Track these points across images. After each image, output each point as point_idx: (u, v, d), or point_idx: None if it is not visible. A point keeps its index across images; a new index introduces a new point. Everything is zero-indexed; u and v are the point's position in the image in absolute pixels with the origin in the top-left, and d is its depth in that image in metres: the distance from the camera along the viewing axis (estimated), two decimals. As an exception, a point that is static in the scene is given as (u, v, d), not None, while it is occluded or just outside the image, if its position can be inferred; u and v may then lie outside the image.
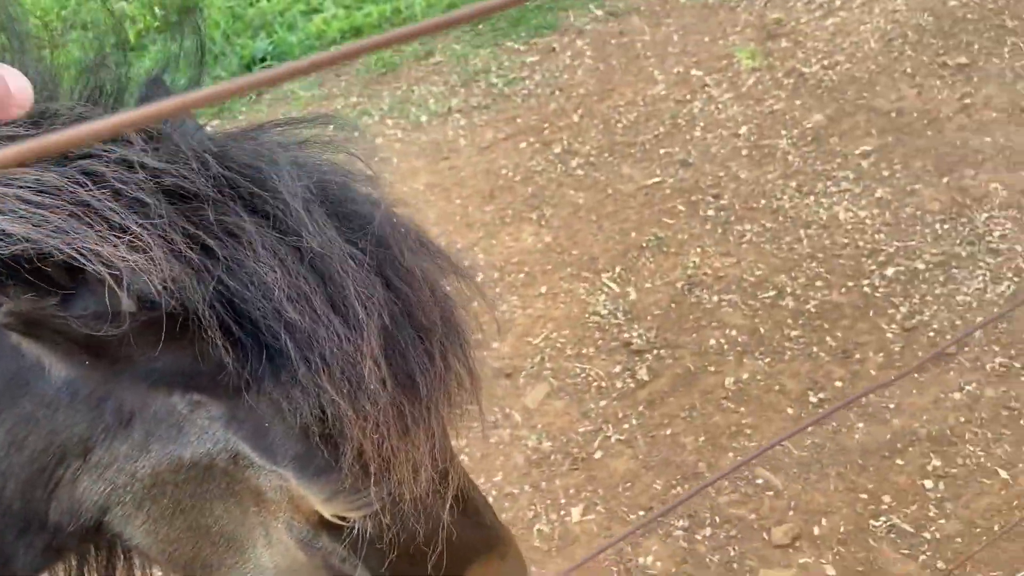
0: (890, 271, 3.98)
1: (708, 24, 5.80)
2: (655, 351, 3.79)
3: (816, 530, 3.07)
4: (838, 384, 3.54)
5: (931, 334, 3.67)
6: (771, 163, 4.71)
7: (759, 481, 3.24)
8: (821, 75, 5.23)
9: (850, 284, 3.96)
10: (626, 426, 3.48)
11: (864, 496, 3.15)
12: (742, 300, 3.97)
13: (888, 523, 3.05)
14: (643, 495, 3.23)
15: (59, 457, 0.98)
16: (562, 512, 3.19)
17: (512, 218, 4.60)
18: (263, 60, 5.79)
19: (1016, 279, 3.84)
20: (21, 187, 0.85)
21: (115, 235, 0.85)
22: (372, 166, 1.03)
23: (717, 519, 3.13)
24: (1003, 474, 3.14)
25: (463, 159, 5.06)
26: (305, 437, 0.95)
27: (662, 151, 4.91)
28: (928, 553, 2.96)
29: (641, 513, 3.16)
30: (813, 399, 3.50)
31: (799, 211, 4.40)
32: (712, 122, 5.05)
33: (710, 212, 4.47)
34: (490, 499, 3.24)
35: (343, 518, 1.04)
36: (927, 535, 3.01)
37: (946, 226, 4.15)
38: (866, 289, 3.91)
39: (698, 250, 4.26)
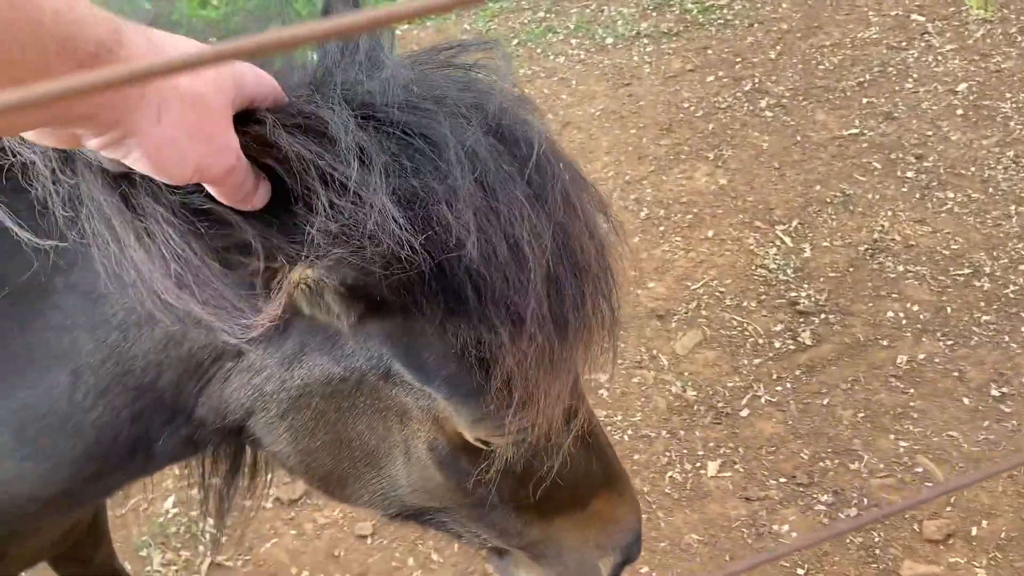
0: (1114, 265, 3.51)
1: (940, -37, 5.21)
2: (823, 315, 3.55)
3: (975, 531, 2.82)
4: (1028, 381, 3.19)
5: None
6: (989, 127, 4.22)
7: (919, 469, 3.00)
8: (1067, 32, 4.59)
9: (1062, 273, 3.53)
10: (779, 388, 3.31)
11: (1038, 506, 2.86)
12: (931, 274, 3.63)
13: (1062, 540, 2.76)
14: (787, 462, 3.08)
15: (215, 356, 1.00)
16: (697, 464, 3.10)
17: (687, 155, 4.39)
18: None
19: None
20: None
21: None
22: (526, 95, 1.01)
23: (865, 500, 2.94)
24: None
25: (645, 87, 4.85)
26: (461, 359, 0.94)
27: (865, 100, 4.51)
28: (1104, 581, 2.66)
29: (782, 480, 3.02)
30: (995, 392, 3.19)
31: (1013, 184, 3.94)
32: (927, 74, 4.57)
33: (909, 173, 4.08)
34: (625, 438, 3.19)
35: (485, 443, 1.04)
36: (1106, 561, 2.70)
37: None
38: (1080, 281, 3.47)
39: (889, 213, 3.91)
